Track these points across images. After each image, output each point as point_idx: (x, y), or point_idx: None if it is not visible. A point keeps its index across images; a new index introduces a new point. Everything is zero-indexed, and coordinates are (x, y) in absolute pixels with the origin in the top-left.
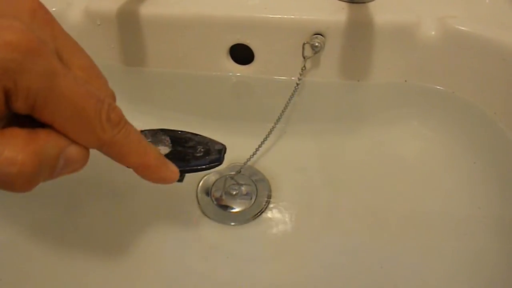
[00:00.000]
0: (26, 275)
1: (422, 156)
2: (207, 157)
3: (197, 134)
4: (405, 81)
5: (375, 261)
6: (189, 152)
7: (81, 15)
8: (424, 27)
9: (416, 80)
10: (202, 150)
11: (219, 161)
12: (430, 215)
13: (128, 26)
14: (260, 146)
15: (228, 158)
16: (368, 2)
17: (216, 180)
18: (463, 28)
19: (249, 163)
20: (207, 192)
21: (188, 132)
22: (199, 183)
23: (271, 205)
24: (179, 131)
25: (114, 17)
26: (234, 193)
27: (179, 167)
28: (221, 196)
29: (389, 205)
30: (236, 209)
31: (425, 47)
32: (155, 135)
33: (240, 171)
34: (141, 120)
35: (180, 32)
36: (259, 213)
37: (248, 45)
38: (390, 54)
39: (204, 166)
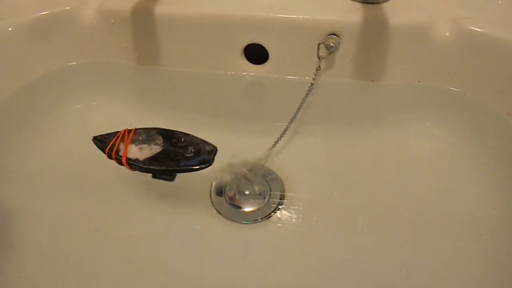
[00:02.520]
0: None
1: (435, 157)
2: (197, 158)
3: (189, 135)
4: (419, 81)
5: (393, 263)
6: (180, 152)
7: (94, 14)
8: (438, 28)
9: (429, 80)
10: (193, 150)
11: (209, 162)
12: (444, 216)
13: (142, 25)
14: (274, 145)
15: (242, 157)
16: (383, 2)
17: (230, 179)
18: (476, 29)
19: (263, 163)
20: (221, 191)
21: (181, 132)
22: (213, 182)
23: (284, 205)
24: (173, 130)
25: (128, 16)
26: (248, 192)
27: (169, 166)
28: (234, 195)
29: (402, 205)
30: (249, 208)
31: (439, 48)
32: (148, 133)
33: (254, 171)
34: (152, 119)
35: (194, 32)
36: (272, 212)
37: (263, 44)
38: (404, 55)
39: (193, 167)
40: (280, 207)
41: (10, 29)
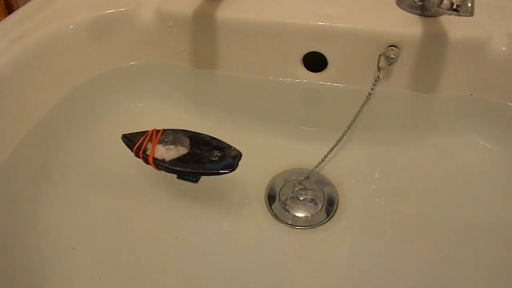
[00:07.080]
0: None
1: (485, 169)
2: (221, 162)
3: (216, 139)
4: (471, 94)
5: (466, 277)
6: (205, 156)
7: (152, 16)
8: (494, 42)
9: (481, 93)
10: (218, 154)
11: (233, 167)
12: (497, 227)
13: (201, 29)
14: (329, 153)
15: (295, 163)
16: (439, 16)
17: (284, 184)
18: None
19: (316, 169)
20: (274, 196)
21: (208, 136)
22: (267, 186)
23: (337, 212)
24: (200, 133)
25: (187, 20)
26: (302, 198)
27: (194, 169)
28: (288, 200)
29: (454, 216)
30: (303, 214)
31: (494, 62)
32: (176, 135)
33: (308, 177)
34: (204, 121)
35: (254, 38)
36: (325, 219)
37: (323, 53)
38: (459, 68)
39: (217, 171)
40: (333, 213)
41: (71, 27)
